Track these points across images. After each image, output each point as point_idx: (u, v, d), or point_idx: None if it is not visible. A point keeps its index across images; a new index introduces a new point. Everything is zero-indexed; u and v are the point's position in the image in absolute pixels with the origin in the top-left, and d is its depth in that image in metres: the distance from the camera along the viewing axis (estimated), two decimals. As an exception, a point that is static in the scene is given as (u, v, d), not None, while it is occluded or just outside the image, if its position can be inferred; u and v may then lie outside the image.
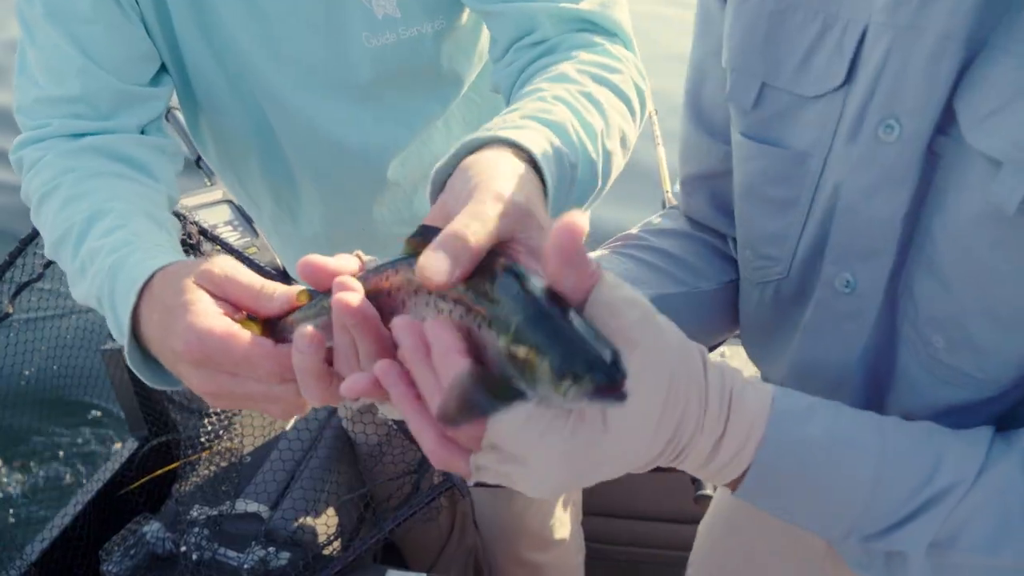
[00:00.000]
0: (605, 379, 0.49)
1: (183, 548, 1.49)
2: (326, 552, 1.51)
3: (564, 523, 1.85)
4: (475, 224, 0.56)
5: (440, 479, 1.51)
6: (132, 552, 1.50)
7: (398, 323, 0.57)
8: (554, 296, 0.53)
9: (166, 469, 1.86)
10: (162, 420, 1.98)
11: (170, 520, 1.57)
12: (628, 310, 0.54)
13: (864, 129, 0.69)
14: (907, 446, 0.66)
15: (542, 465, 0.55)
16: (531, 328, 0.52)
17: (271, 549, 1.50)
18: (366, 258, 0.67)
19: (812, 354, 0.81)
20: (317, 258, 0.64)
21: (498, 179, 0.62)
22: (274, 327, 0.73)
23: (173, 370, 0.81)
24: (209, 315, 0.75)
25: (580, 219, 0.50)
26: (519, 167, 0.67)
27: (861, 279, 0.74)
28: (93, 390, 2.14)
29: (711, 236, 0.98)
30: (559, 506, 1.82)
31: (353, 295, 0.60)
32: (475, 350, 0.55)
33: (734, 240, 0.94)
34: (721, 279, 0.94)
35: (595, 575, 2.04)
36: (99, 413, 3.19)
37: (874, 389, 0.78)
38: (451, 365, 0.53)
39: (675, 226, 0.97)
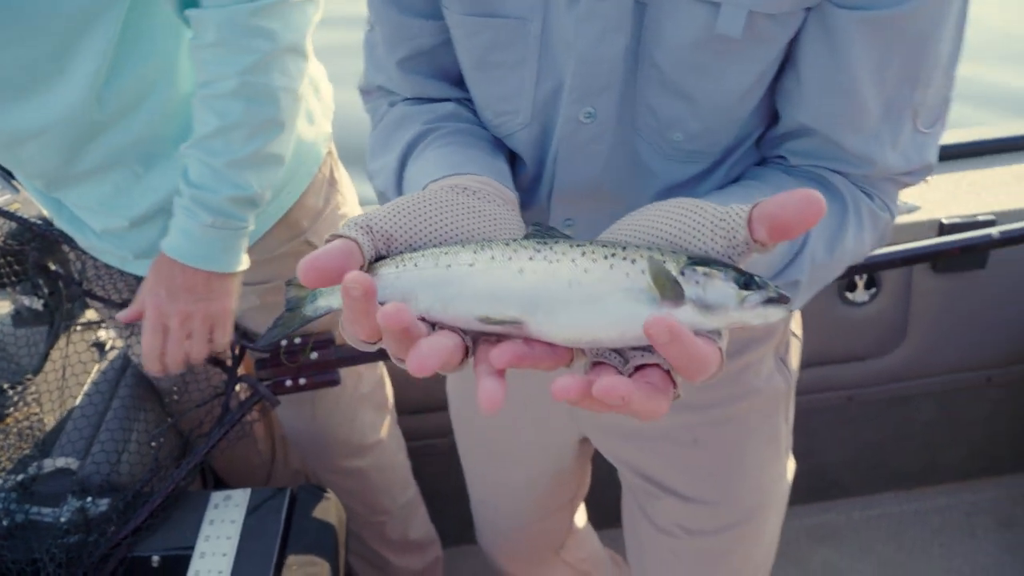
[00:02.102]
0: (779, 292, 0.61)
1: (-9, 517, 1.44)
2: (146, 490, 1.49)
3: (376, 426, 1.88)
4: None
5: (247, 395, 1.52)
6: (-65, 535, 1.44)
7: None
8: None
9: (-39, 450, 1.78)
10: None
11: (-28, 495, 1.51)
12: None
13: None
14: None
15: None
16: (701, 257, 0.62)
17: (88, 499, 1.47)
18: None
19: (567, 178, 0.95)
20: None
21: None
22: None
23: None
24: None
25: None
26: None
27: (600, 109, 0.90)
28: None
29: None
30: (368, 410, 1.85)
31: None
32: None
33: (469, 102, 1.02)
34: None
35: (423, 471, 2.10)
36: None
37: (624, 185, 0.95)
38: None
39: (440, 111, 0.99)
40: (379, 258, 0.67)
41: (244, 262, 1.39)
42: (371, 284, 0.58)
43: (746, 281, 0.60)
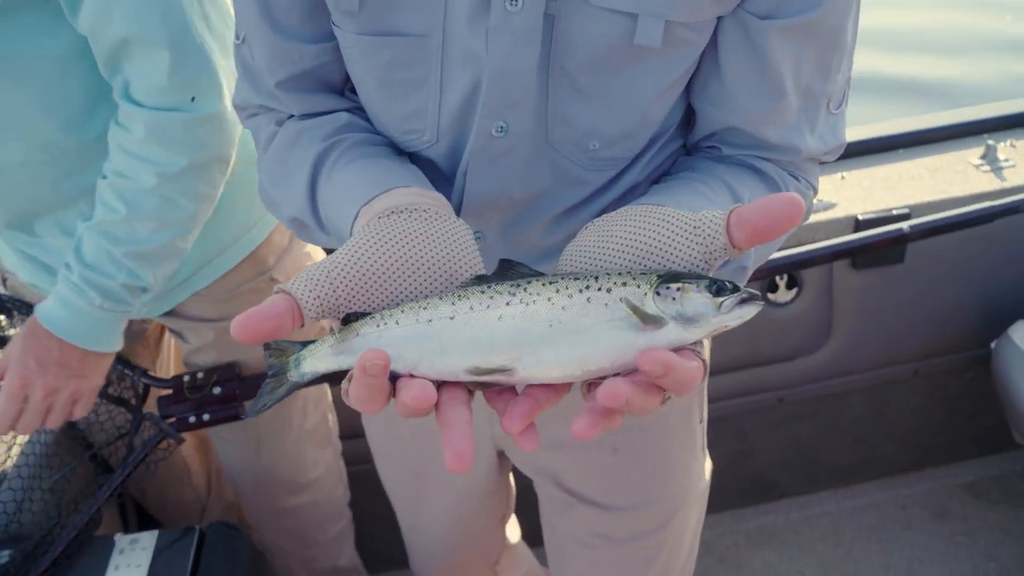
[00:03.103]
0: (749, 292, 0.63)
1: None
2: (49, 539, 1.44)
3: (318, 462, 1.85)
4: None
5: (152, 432, 1.47)
6: None
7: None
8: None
9: None
10: None
11: None
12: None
13: (494, 5, 0.81)
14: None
15: None
16: (669, 273, 0.64)
17: (-13, 552, 1.41)
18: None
19: (478, 192, 0.93)
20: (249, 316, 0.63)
21: None
22: None
23: None
24: None
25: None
26: None
27: (513, 122, 0.87)
28: None
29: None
30: (312, 448, 1.82)
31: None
32: None
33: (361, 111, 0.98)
34: None
35: (358, 494, 2.06)
36: None
37: (538, 196, 0.94)
38: None
39: (336, 122, 0.96)
40: (353, 315, 0.67)
41: (120, 343, 1.36)
42: (388, 361, 0.60)
43: (718, 287, 0.63)
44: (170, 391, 1.50)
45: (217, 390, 1.47)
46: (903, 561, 2.28)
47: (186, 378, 1.49)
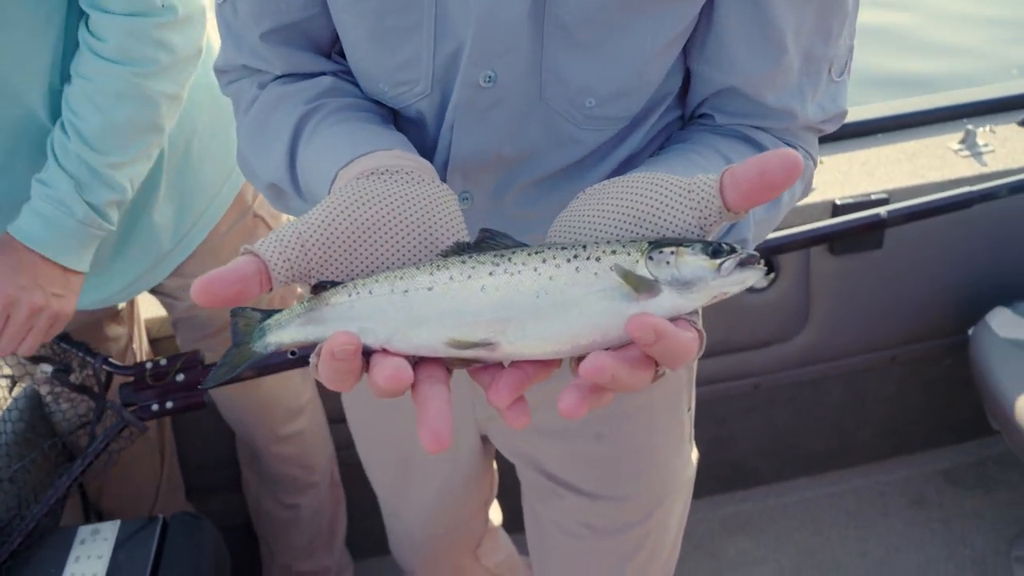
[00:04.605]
0: (748, 252, 0.59)
1: None
2: (8, 530, 1.40)
3: (306, 384, 1.89)
4: None
5: (114, 420, 1.43)
6: None
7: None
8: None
9: None
10: None
11: None
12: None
13: None
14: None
15: None
16: (661, 240, 0.60)
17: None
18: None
19: (465, 148, 0.89)
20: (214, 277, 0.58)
21: None
22: None
23: None
24: None
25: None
26: None
27: (501, 72, 0.83)
28: None
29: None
30: (298, 378, 1.86)
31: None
32: None
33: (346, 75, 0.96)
34: None
35: (350, 480, 2.04)
36: None
37: (530, 155, 0.90)
38: None
39: (319, 86, 0.93)
40: (325, 283, 0.63)
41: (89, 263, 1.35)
42: (359, 345, 0.58)
43: (715, 249, 0.59)
44: (132, 378, 1.46)
45: (180, 377, 1.44)
46: (880, 548, 2.27)
47: (148, 365, 1.45)
